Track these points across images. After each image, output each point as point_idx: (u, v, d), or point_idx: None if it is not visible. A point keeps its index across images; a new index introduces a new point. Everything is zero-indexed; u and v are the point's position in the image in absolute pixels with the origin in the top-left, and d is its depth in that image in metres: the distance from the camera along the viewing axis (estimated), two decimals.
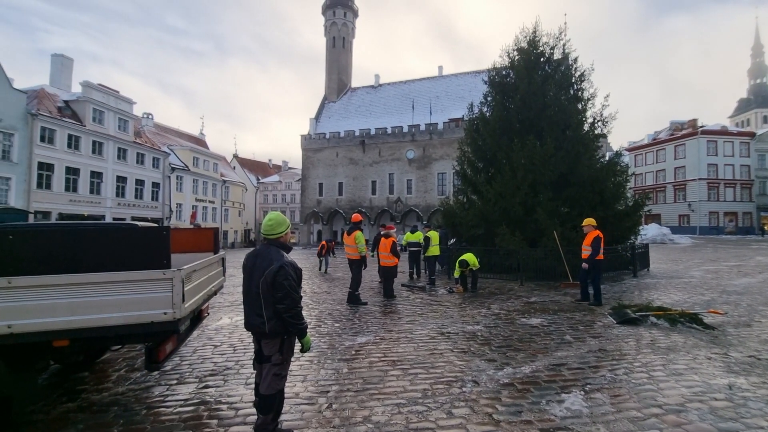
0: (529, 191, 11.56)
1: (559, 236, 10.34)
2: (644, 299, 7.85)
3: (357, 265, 7.67)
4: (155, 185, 34.19)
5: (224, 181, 48.29)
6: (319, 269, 14.40)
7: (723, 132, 46.31)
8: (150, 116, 40.25)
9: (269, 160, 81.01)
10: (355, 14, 57.14)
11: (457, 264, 9.29)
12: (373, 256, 11.78)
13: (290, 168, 75.03)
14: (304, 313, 2.86)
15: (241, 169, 70.21)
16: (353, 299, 7.67)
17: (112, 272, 3.00)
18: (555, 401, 3.38)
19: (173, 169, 36.63)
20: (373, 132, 46.59)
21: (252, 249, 3.12)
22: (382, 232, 9.05)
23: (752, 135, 47.06)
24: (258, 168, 76.98)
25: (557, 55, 13.24)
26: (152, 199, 33.93)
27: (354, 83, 57.53)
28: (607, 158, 12.69)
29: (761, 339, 4.97)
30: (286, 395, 3.55)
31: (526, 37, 13.54)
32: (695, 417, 3.05)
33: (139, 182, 32.30)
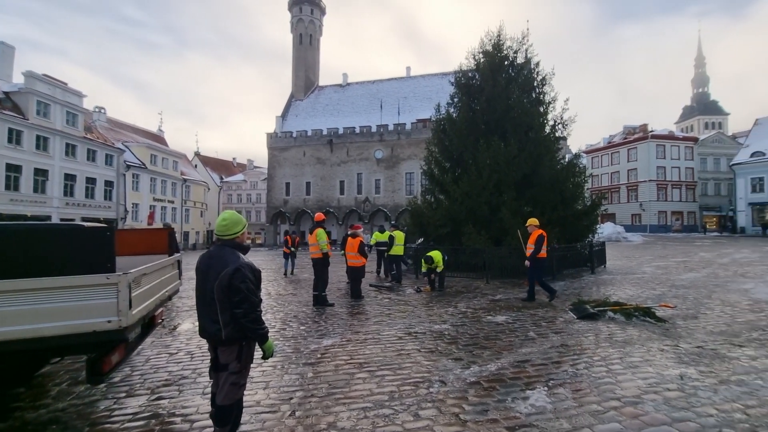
0: (494, 191, 11.82)
1: (522, 235, 10.62)
2: (602, 294, 8.20)
3: (321, 265, 7.46)
4: (108, 184, 32.16)
5: (185, 180, 46.30)
6: (285, 274, 13.46)
7: (670, 137, 49.69)
8: (102, 110, 37.80)
9: (233, 159, 78.53)
10: (323, 11, 56.45)
11: (423, 261, 9.36)
12: (343, 254, 11.67)
13: (256, 167, 72.95)
14: (268, 316, 2.73)
15: (204, 167, 67.59)
16: (319, 301, 7.49)
17: (46, 278, 2.71)
18: (520, 398, 3.41)
19: (129, 166, 34.62)
20: (341, 131, 46.22)
21: (205, 250, 2.91)
22: (349, 232, 8.92)
23: (695, 140, 50.81)
24: (221, 167, 74.40)
25: (520, 59, 13.64)
26: (105, 198, 31.90)
27: (322, 81, 56.85)
28: (566, 160, 13.20)
29: (707, 330, 5.30)
30: (246, 404, 3.37)
31: (491, 40, 13.85)
32: (651, 408, 3.16)
33: (90, 180, 30.26)
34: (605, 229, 34.29)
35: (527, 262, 7.58)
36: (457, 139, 13.06)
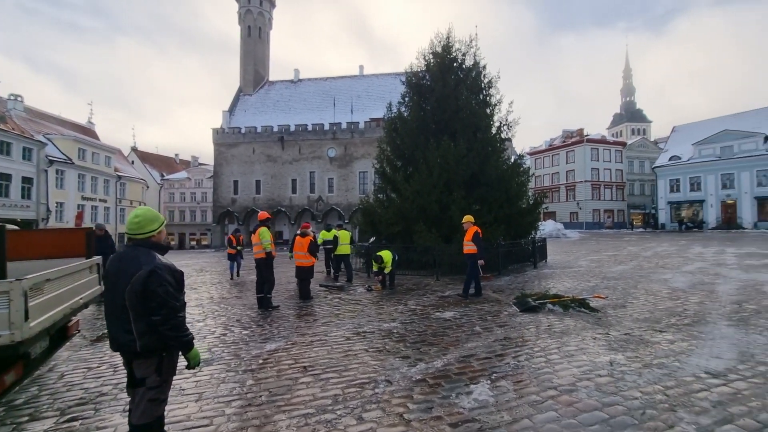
0: (444, 190, 12.05)
1: None
2: (543, 288, 8.63)
3: (265, 265, 7.11)
4: (27, 181, 28.83)
5: (119, 177, 42.78)
6: (231, 276, 12.67)
7: (603, 141, 54.01)
8: (19, 98, 33.80)
9: (176, 155, 73.86)
10: (272, 4, 54.65)
11: (372, 260, 9.31)
12: (291, 258, 11.33)
13: (201, 164, 69.08)
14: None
15: (142, 164, 62.99)
16: (264, 303, 7.14)
17: None
18: (464, 393, 3.42)
19: (51, 162, 31.26)
20: (292, 128, 45.06)
21: (116, 252, 2.58)
22: (299, 231, 8.64)
23: (624, 144, 55.69)
24: (162, 163, 69.69)
25: (468, 62, 14.02)
26: (23, 197, 28.57)
27: (272, 76, 55.07)
28: (512, 160, 13.78)
29: (633, 318, 5.71)
30: (174, 419, 3.08)
31: (440, 42, 14.10)
32: (584, 395, 3.31)
33: (5, 177, 26.96)
34: (547, 227, 36.52)
35: (481, 261, 7.54)
36: (409, 138, 13.17)
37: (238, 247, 12.93)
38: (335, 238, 10.95)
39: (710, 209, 40.74)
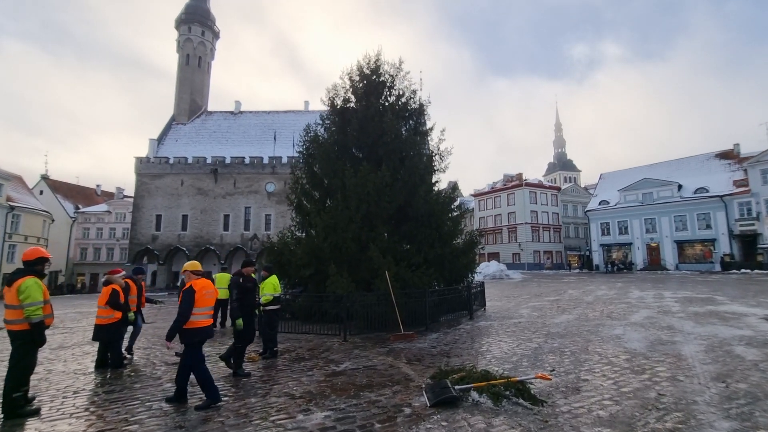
0: (363, 225, 10.04)
1: (391, 277, 8.88)
2: (474, 351, 6.64)
3: (20, 343, 4.10)
4: None
5: (12, 208, 36.51)
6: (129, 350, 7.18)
7: (540, 185, 56.38)
8: None
9: (97, 186, 66.55)
10: (216, 36, 52.95)
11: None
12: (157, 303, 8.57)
13: (126, 197, 62.26)
14: None
15: (53, 194, 55.74)
16: (12, 405, 4.11)
17: None
18: None
19: None
20: (228, 161, 41.92)
21: None
22: (102, 278, 6.05)
23: (559, 189, 58.58)
24: (79, 195, 62.27)
25: (398, 86, 12.68)
26: None
27: (212, 107, 52.18)
28: (443, 193, 12.23)
29: (594, 418, 3.76)
30: None
31: (368, 63, 12.71)
32: None
33: None
34: (490, 267, 35.78)
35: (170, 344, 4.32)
36: (326, 164, 11.21)
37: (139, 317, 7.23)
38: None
39: (637, 251, 42.73)
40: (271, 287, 6.76)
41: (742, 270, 32.44)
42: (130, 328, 6.90)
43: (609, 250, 45.51)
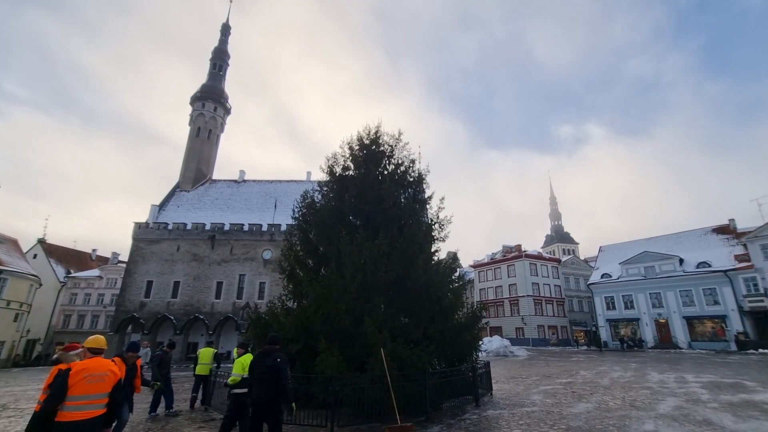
0: (358, 295, 9.37)
1: (387, 355, 8.02)
2: None
3: None
4: None
5: (0, 272, 35.55)
6: None
7: (539, 257, 55.83)
8: None
9: (93, 250, 65.80)
10: (227, 111, 56.44)
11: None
12: (155, 387, 7.74)
13: (120, 262, 61.20)
14: None
15: (47, 258, 54.83)
16: None
17: None
18: None
19: None
20: (227, 227, 41.93)
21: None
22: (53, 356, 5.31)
23: (559, 261, 57.88)
24: (74, 259, 61.27)
25: (397, 155, 12.86)
26: None
27: (219, 176, 53.76)
28: (443, 264, 11.71)
29: None
30: None
31: (369, 134, 13.05)
32: None
33: None
34: (493, 343, 33.72)
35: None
36: (321, 231, 10.87)
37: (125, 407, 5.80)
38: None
39: (646, 327, 40.78)
40: (239, 367, 5.98)
41: (760, 350, 30.62)
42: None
43: (616, 325, 43.50)
